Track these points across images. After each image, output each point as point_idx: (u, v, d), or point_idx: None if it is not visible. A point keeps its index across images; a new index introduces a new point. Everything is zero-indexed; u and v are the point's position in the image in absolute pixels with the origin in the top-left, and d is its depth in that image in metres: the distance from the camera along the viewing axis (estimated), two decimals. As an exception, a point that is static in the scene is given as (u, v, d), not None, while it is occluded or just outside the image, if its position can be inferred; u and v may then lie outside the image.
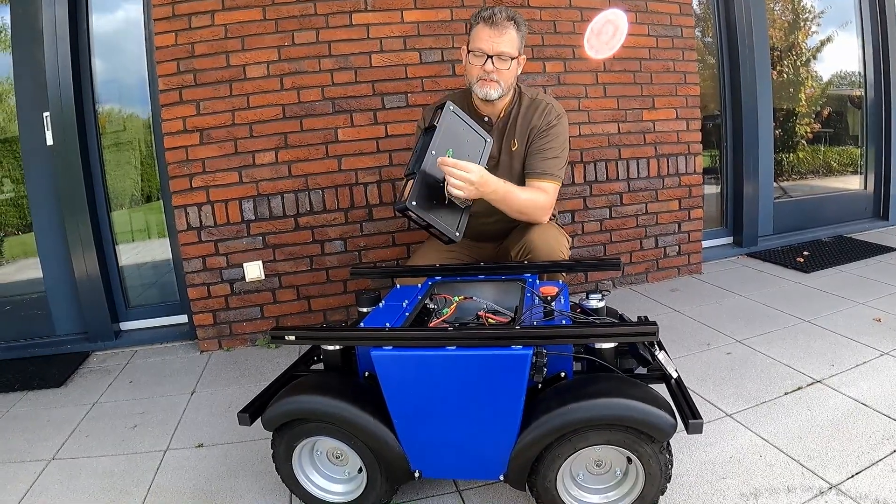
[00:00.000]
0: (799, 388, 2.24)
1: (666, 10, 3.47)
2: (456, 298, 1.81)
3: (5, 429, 2.42)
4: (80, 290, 3.17)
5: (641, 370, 1.70)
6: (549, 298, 1.59)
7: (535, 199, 2.15)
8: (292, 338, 1.55)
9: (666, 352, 1.63)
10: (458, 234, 1.92)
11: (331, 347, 1.68)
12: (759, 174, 4.16)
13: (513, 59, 2.08)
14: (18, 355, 3.16)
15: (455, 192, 1.85)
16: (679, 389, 1.60)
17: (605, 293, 1.78)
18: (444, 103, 1.95)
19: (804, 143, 4.81)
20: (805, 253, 4.05)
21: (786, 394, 2.21)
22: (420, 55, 3.10)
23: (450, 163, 1.82)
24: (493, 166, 2.21)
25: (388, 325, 1.58)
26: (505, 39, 2.05)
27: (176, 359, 3.05)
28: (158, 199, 3.35)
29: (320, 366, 1.84)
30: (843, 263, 3.78)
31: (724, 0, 4.02)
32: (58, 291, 3.24)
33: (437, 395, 1.47)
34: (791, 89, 4.70)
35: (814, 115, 4.81)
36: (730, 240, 4.32)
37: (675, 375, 1.64)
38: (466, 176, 1.84)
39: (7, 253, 3.34)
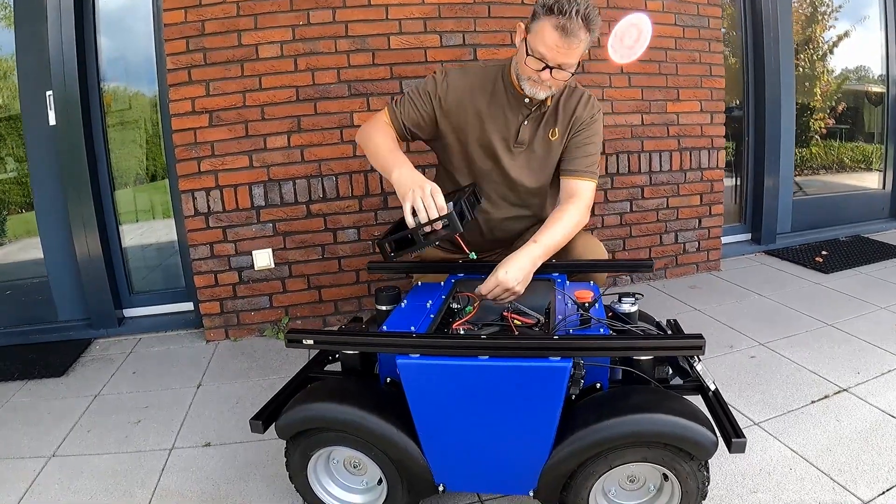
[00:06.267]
0: (826, 397, 2.20)
1: (693, 0, 3.36)
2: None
3: (5, 421, 2.33)
4: (83, 276, 3.08)
5: (677, 380, 1.63)
6: (586, 305, 1.49)
7: (574, 218, 1.90)
8: (311, 342, 1.45)
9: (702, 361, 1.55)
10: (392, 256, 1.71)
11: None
12: (780, 169, 4.07)
13: (573, 73, 1.82)
14: (19, 341, 3.08)
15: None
16: (718, 403, 1.52)
17: (639, 297, 1.69)
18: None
19: (818, 138, 4.71)
20: (823, 252, 3.98)
21: (812, 402, 2.17)
22: (441, 38, 2.99)
23: (485, 293, 1.70)
24: (523, 152, 2.01)
25: (413, 328, 1.49)
26: (574, 52, 1.74)
27: (181, 348, 2.97)
28: (164, 177, 3.26)
29: (335, 364, 1.76)
30: (861, 265, 3.73)
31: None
32: (60, 276, 3.15)
33: (467, 407, 1.38)
34: (806, 83, 4.58)
35: (829, 111, 4.71)
36: (748, 236, 4.24)
37: (712, 388, 1.56)
38: (503, 288, 1.69)
39: (10, 232, 3.25)
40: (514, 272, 1.69)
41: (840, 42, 4.59)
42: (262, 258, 2.99)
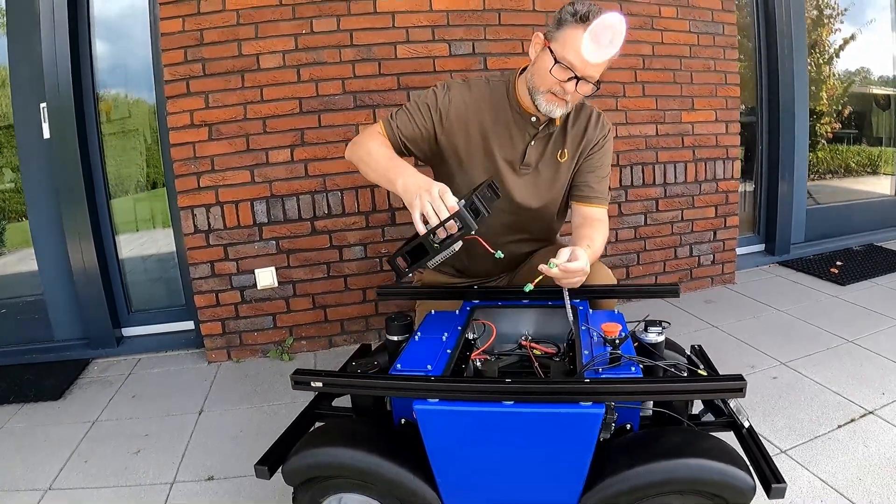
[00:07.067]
0: (852, 420, 2.15)
1: (708, 6, 3.30)
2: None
3: (0, 448, 2.25)
4: (80, 293, 3.00)
5: (709, 416, 1.55)
6: (615, 342, 1.39)
7: (601, 239, 1.84)
8: (319, 385, 1.35)
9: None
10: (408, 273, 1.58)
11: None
12: (794, 178, 3.99)
13: (596, 86, 1.72)
14: (15, 361, 2.99)
15: (567, 285, 1.58)
16: (753, 441, 1.44)
17: (665, 325, 1.59)
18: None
19: (825, 143, 4.64)
20: (838, 263, 3.91)
21: (839, 427, 2.12)
22: (449, 47, 2.90)
23: (573, 268, 1.52)
24: (529, 174, 1.89)
25: (429, 367, 1.39)
26: (604, 63, 1.66)
27: (182, 370, 2.88)
28: (164, 185, 3.16)
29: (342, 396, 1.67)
30: (877, 276, 3.67)
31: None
32: (56, 294, 3.06)
33: (490, 454, 1.29)
34: (813, 87, 4.48)
35: (835, 114, 4.63)
36: (761, 247, 4.16)
37: (746, 425, 1.48)
38: (580, 267, 1.54)
39: (9, 242, 3.18)
40: (588, 263, 1.58)
41: (847, 45, 4.52)
42: (265, 277, 2.90)
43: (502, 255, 1.56)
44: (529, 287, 1.57)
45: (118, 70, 3.08)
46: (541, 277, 1.56)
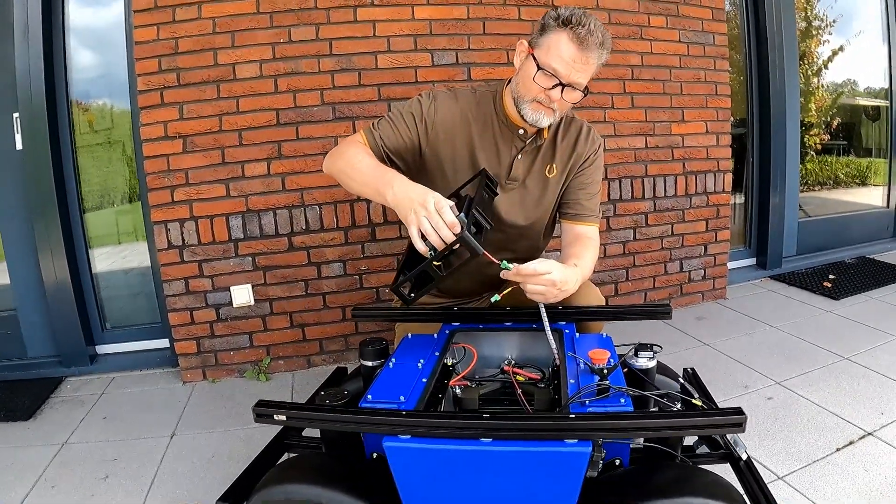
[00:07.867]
0: (851, 443, 2.09)
1: (698, 15, 3.25)
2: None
3: (-33, 471, 2.15)
4: (52, 309, 2.90)
5: (703, 448, 1.50)
6: (603, 371, 1.30)
7: (593, 259, 1.77)
8: (283, 418, 1.25)
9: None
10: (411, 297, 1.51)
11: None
12: (786, 190, 3.95)
13: (584, 92, 1.65)
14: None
15: (538, 298, 1.50)
16: (752, 476, 1.37)
17: (657, 349, 1.50)
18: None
19: (813, 154, 4.62)
20: (831, 276, 3.88)
21: (838, 450, 2.06)
22: (432, 56, 2.84)
23: (526, 271, 1.44)
24: (516, 189, 1.82)
25: (402, 398, 1.30)
26: (590, 68, 1.61)
27: (156, 390, 2.78)
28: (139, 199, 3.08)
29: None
30: (871, 289, 3.64)
31: (753, 4, 3.81)
32: (29, 310, 2.97)
33: (466, 494, 1.19)
34: (801, 99, 4.46)
35: (824, 126, 4.62)
36: (752, 261, 4.11)
37: (744, 457, 1.41)
38: (548, 278, 1.45)
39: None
40: (565, 276, 1.48)
41: (836, 56, 4.51)
42: (241, 294, 2.81)
43: (509, 266, 1.45)
44: (496, 297, 1.50)
45: (95, 80, 3.01)
46: (509, 290, 1.49)
